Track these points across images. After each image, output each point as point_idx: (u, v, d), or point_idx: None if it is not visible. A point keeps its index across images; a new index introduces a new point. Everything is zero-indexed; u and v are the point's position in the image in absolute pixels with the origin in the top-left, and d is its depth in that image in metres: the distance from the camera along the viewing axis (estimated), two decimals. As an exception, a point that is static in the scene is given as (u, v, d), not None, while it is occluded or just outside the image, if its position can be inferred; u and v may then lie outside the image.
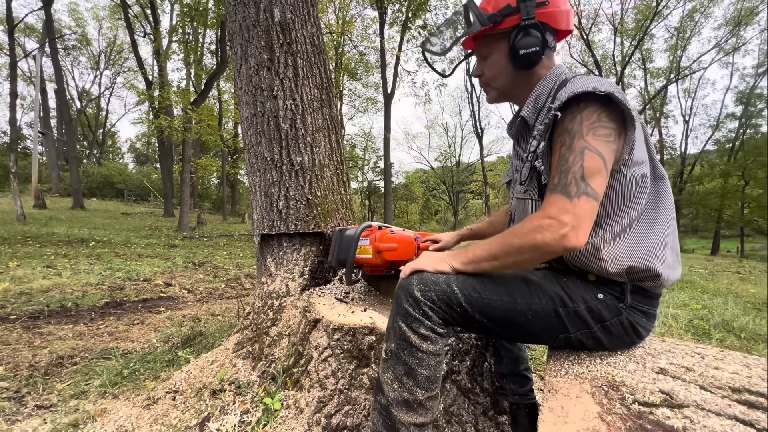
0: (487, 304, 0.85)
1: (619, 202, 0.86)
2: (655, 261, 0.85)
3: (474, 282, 0.88)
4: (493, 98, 1.09)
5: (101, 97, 36.77)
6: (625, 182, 0.84)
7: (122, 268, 4.75)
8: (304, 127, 1.66)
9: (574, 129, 0.81)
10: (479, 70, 1.06)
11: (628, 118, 0.81)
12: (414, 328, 0.86)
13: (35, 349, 2.08)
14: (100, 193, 27.76)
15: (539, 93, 0.96)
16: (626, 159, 0.83)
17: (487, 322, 0.87)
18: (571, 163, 0.80)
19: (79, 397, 1.56)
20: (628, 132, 0.82)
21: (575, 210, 0.77)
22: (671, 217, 0.88)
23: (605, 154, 0.79)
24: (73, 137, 18.68)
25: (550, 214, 0.79)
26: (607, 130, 0.80)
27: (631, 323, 0.88)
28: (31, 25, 23.93)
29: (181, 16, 13.01)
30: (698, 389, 0.75)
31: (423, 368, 0.86)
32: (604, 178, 0.80)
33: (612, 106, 0.81)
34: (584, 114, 0.81)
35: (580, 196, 0.77)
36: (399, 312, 0.88)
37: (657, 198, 0.88)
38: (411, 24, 16.94)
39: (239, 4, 1.69)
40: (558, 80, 0.94)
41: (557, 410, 0.78)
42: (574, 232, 0.77)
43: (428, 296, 0.85)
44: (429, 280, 0.87)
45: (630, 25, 23.37)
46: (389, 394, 0.87)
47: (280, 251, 1.67)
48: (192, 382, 1.48)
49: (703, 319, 3.09)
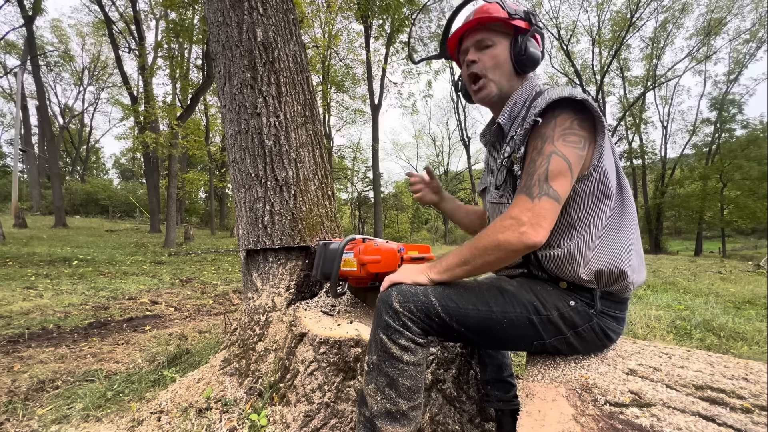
0: (464, 314, 0.88)
1: (591, 205, 0.90)
2: (622, 265, 0.89)
3: (451, 292, 0.91)
4: (487, 93, 1.04)
5: (85, 113, 36.30)
6: (596, 186, 0.89)
7: (106, 287, 4.64)
8: (288, 143, 1.69)
9: (546, 134, 0.86)
10: (475, 56, 1.02)
11: (599, 126, 0.87)
12: (394, 340, 0.88)
13: (15, 373, 2.02)
14: (84, 210, 27.15)
15: (515, 102, 1.00)
16: (596, 164, 0.88)
17: (464, 331, 0.90)
18: (537, 166, 0.85)
19: (61, 422, 1.52)
20: (597, 139, 0.88)
21: (535, 209, 0.82)
22: (634, 222, 0.94)
23: (571, 159, 0.84)
24: (56, 154, 18.32)
25: (511, 214, 0.84)
26: (577, 137, 0.85)
27: (602, 328, 0.92)
28: (12, 42, 23.63)
29: (167, 32, 13.03)
30: (665, 388, 0.78)
31: (405, 379, 0.88)
32: (569, 181, 0.84)
33: (584, 114, 0.86)
34: (558, 120, 0.86)
35: (541, 196, 0.82)
36: (380, 324, 0.90)
37: (621, 205, 0.93)
38: (395, 38, 17.26)
39: (222, 24, 1.73)
40: (533, 91, 0.99)
41: (534, 414, 0.81)
42: (532, 229, 0.81)
43: (407, 307, 0.88)
44: (407, 291, 0.90)
45: (607, 36, 24.26)
46: (372, 406, 0.89)
47: (265, 266, 1.68)
48: (178, 402, 1.46)
49: (685, 319, 3.17)
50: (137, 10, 13.80)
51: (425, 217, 45.73)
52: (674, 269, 8.90)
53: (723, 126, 24.99)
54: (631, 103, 26.27)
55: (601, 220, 0.90)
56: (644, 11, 22.40)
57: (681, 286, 5.60)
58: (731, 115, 24.52)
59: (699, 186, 24.25)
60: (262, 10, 1.71)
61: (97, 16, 19.70)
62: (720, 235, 27.07)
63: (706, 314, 3.37)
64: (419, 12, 16.07)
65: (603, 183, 0.89)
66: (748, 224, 22.89)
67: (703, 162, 25.66)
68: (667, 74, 25.65)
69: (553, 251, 0.92)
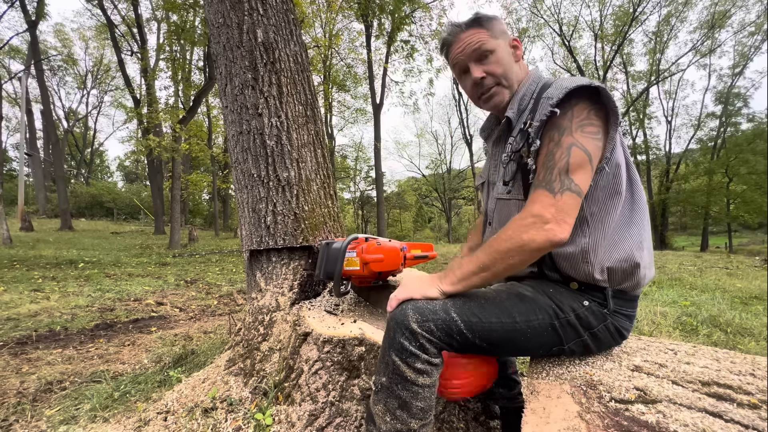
0: (488, 328, 0.83)
1: (603, 200, 0.87)
2: (635, 261, 0.87)
3: (472, 305, 0.85)
4: (501, 100, 1.00)
5: (89, 117, 36.55)
6: (609, 180, 0.87)
7: (112, 289, 4.68)
8: (290, 143, 1.69)
9: (563, 125, 0.83)
10: (481, 72, 0.98)
11: (612, 117, 0.84)
12: (410, 363, 0.82)
13: (23, 375, 2.04)
14: (89, 213, 27.36)
15: (523, 94, 0.97)
16: (608, 157, 0.85)
17: (486, 345, 0.85)
18: (557, 159, 0.81)
19: (68, 423, 1.53)
20: (610, 131, 0.84)
21: (558, 205, 0.79)
22: (646, 218, 0.91)
23: (591, 151, 0.81)
24: (61, 157, 18.48)
25: (533, 212, 0.80)
26: (595, 127, 0.82)
27: (616, 327, 0.90)
28: (16, 46, 23.82)
29: (168, 35, 13.07)
30: (671, 384, 0.78)
31: (418, 401, 0.83)
32: (589, 174, 0.81)
33: (599, 105, 0.83)
34: (575, 110, 0.83)
35: (563, 191, 0.79)
36: (393, 346, 0.83)
37: (632, 200, 0.90)
38: (395, 37, 17.23)
39: (223, 25, 1.73)
40: (539, 82, 0.97)
41: (539, 411, 0.81)
42: (558, 225, 0.78)
43: (426, 327, 0.81)
44: (426, 309, 0.83)
45: (609, 30, 24.04)
46: (381, 427, 0.84)
47: (269, 266, 1.69)
48: (183, 402, 1.47)
49: (691, 315, 3.15)
50: (139, 13, 13.87)
51: (428, 216, 45.69)
52: (680, 265, 8.83)
53: (728, 120, 24.73)
54: (635, 98, 26.04)
55: (614, 216, 0.87)
56: (647, 5, 22.16)
57: (687, 282, 5.56)
58: (737, 108, 24.25)
59: (704, 181, 24.04)
60: (262, 10, 1.71)
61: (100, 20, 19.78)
62: (726, 230, 26.80)
63: (713, 310, 3.35)
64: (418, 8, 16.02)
65: (616, 177, 0.86)
66: (755, 219, 22.63)
67: (708, 157, 25.40)
68: (670, 68, 25.42)
69: (567, 249, 0.88)
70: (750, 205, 21.10)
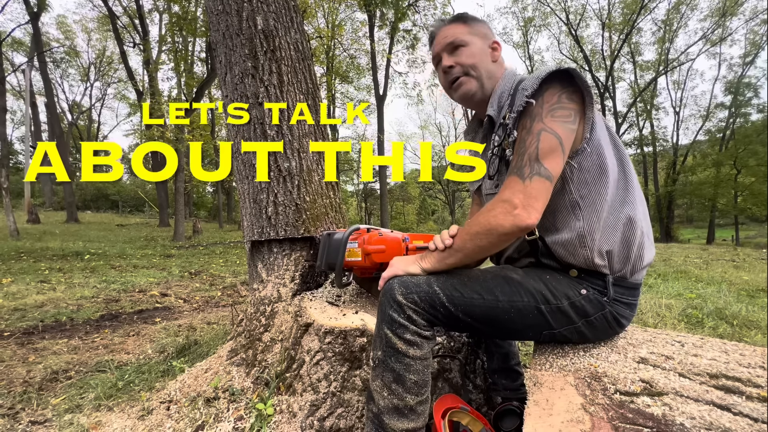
0: (469, 303, 0.86)
1: (591, 181, 0.87)
2: (632, 243, 0.87)
3: (455, 281, 0.89)
4: (468, 89, 1.03)
5: (92, 109, 36.56)
6: (593, 161, 0.87)
7: (117, 280, 4.72)
8: (291, 133, 1.67)
9: (534, 112, 0.84)
10: (451, 61, 1.02)
11: (587, 97, 0.85)
12: (399, 334, 0.86)
13: (29, 364, 2.07)
14: (95, 205, 27.62)
15: (501, 91, 0.99)
16: (588, 137, 0.86)
17: (471, 321, 0.88)
18: (527, 146, 0.83)
19: (73, 411, 1.55)
20: (587, 112, 0.86)
21: (527, 190, 0.80)
22: (639, 197, 0.91)
23: (562, 134, 0.82)
24: (66, 150, 18.58)
25: (503, 197, 0.82)
26: (566, 110, 0.83)
27: (614, 316, 0.90)
28: (19, 39, 23.77)
29: (170, 26, 12.99)
30: (677, 377, 0.76)
31: (411, 374, 0.86)
32: (560, 158, 0.82)
33: (573, 87, 0.85)
34: (545, 96, 0.84)
35: (532, 176, 0.80)
36: (384, 319, 0.88)
37: (626, 180, 0.91)
38: (398, 26, 17.00)
39: (222, 13, 1.70)
40: (515, 79, 0.98)
41: (542, 403, 0.80)
42: (525, 211, 0.79)
43: (411, 298, 0.86)
44: (410, 282, 0.88)
45: (617, 19, 23.57)
46: (380, 402, 0.87)
47: (270, 257, 1.68)
48: (186, 391, 1.48)
49: (697, 308, 3.12)
50: (140, 4, 13.77)
51: (432, 208, 45.61)
52: (686, 258, 8.76)
53: (738, 110, 24.26)
54: (643, 88, 25.59)
55: (605, 197, 0.87)
56: (656, -7, 21.69)
57: (693, 275, 5.52)
58: (747, 99, 23.77)
59: (712, 173, 23.67)
60: (261, -4, 1.67)
61: (102, 11, 19.64)
62: (733, 222, 26.47)
63: (719, 302, 3.31)
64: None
65: (600, 157, 0.87)
66: (763, 211, 22.34)
67: (716, 148, 24.95)
68: (680, 58, 24.90)
69: (562, 235, 0.89)
70: (758, 197, 20.81)
